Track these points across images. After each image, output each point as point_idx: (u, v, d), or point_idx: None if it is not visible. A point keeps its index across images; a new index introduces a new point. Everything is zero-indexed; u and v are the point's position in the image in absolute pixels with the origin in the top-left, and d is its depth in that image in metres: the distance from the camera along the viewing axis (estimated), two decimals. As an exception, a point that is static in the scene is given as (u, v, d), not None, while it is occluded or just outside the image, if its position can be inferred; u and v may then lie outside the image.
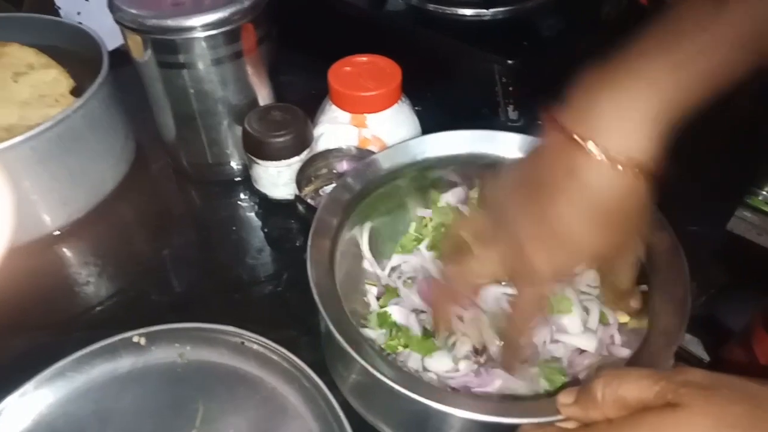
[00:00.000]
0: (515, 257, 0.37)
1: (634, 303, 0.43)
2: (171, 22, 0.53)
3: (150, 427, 0.46)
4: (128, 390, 0.48)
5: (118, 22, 0.55)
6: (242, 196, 0.64)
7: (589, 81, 0.34)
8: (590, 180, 0.33)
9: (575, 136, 0.33)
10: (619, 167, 0.32)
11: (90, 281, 0.57)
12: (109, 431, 0.46)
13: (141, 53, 0.56)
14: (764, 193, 0.91)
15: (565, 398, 0.32)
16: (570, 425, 0.32)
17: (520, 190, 0.37)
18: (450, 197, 0.53)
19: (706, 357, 0.79)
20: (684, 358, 0.52)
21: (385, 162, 0.49)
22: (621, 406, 0.29)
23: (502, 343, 0.41)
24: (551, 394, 0.38)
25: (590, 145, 0.32)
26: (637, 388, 0.28)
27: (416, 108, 0.60)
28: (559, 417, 0.32)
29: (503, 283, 0.43)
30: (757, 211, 0.86)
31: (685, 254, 0.42)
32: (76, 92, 0.61)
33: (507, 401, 0.39)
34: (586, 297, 0.45)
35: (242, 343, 0.48)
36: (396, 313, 0.45)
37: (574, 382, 0.40)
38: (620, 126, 0.32)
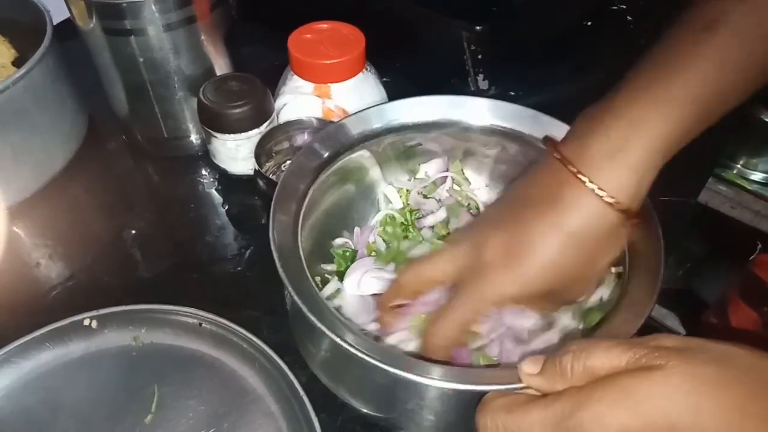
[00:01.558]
0: (470, 263, 0.37)
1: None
2: (116, -15, 0.50)
3: (104, 413, 0.44)
4: (80, 376, 0.46)
5: (58, -14, 0.52)
6: (202, 172, 0.61)
7: (590, 117, 0.36)
8: (577, 210, 0.35)
9: (573, 169, 0.35)
10: (608, 204, 0.35)
11: (40, 263, 0.55)
12: (60, 419, 0.44)
13: (86, 20, 0.53)
14: (738, 166, 0.91)
15: (529, 368, 0.30)
16: (533, 392, 0.30)
17: (506, 203, 0.40)
18: (430, 168, 0.51)
19: (682, 331, 0.79)
20: (660, 332, 0.52)
21: (356, 127, 0.46)
22: (590, 376, 0.28)
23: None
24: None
25: (588, 183, 0.34)
26: (607, 358, 0.27)
27: (384, 79, 0.58)
28: (520, 384, 0.31)
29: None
30: (732, 185, 0.86)
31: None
32: (19, 63, 0.58)
33: (475, 370, 0.38)
34: None
35: (200, 324, 0.47)
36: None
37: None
38: (610, 171, 0.34)
